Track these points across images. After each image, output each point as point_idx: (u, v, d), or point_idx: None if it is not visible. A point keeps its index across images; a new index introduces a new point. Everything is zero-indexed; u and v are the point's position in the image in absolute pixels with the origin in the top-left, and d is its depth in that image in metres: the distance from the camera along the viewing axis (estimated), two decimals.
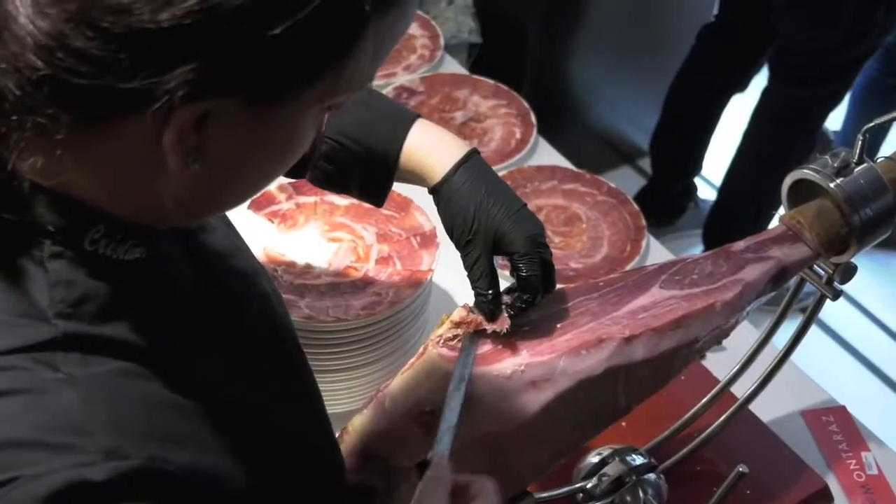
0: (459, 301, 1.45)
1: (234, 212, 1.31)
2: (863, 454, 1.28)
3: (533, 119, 1.80)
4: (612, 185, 1.68)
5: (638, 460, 1.16)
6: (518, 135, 1.78)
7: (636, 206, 1.63)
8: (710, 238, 2.74)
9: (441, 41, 1.99)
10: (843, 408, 1.35)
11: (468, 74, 1.93)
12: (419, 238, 1.31)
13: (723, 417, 1.16)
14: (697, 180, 2.97)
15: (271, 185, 1.36)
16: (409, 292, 1.23)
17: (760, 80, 2.58)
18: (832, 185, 1.00)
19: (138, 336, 0.64)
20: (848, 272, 1.05)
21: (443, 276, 1.39)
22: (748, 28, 2.50)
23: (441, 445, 0.79)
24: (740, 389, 1.16)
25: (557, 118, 2.30)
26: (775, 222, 2.84)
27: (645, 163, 2.98)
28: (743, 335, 1.09)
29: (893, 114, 1.05)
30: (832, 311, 1.08)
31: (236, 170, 0.64)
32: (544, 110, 1.87)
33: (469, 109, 1.83)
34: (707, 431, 1.17)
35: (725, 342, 1.03)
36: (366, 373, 1.25)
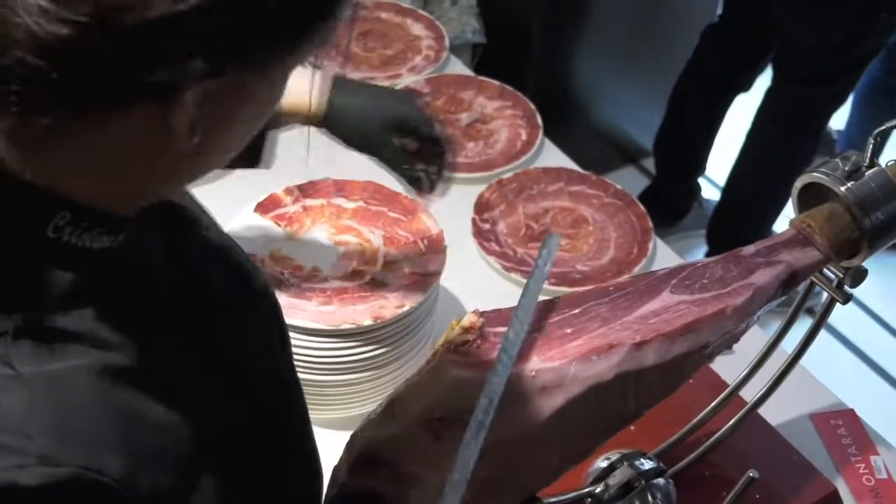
0: (467, 304, 1.44)
1: (240, 215, 1.32)
2: (872, 458, 1.27)
3: (539, 120, 1.80)
4: (619, 187, 1.67)
5: (646, 465, 1.15)
6: (524, 136, 1.77)
7: (643, 208, 1.63)
8: (715, 238, 2.74)
9: (446, 42, 1.98)
10: (852, 411, 1.34)
11: (473, 76, 1.93)
12: (427, 241, 1.31)
13: (732, 421, 1.15)
14: (701, 180, 2.97)
15: (278, 188, 1.36)
16: (417, 296, 1.23)
17: (764, 80, 2.58)
18: (843, 189, 0.99)
19: (103, 329, 0.62)
20: (858, 276, 1.04)
21: (450, 280, 1.39)
22: (751, 28, 2.50)
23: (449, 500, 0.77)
24: (749, 393, 1.15)
25: (561, 118, 2.29)
26: (780, 222, 2.85)
27: (649, 163, 2.97)
28: (751, 338, 1.08)
29: None
30: (840, 314, 1.08)
31: (225, 134, 0.64)
32: (548, 110, 1.86)
33: (475, 111, 1.83)
34: (716, 436, 1.17)
35: (734, 345, 1.02)
36: (373, 377, 1.25)
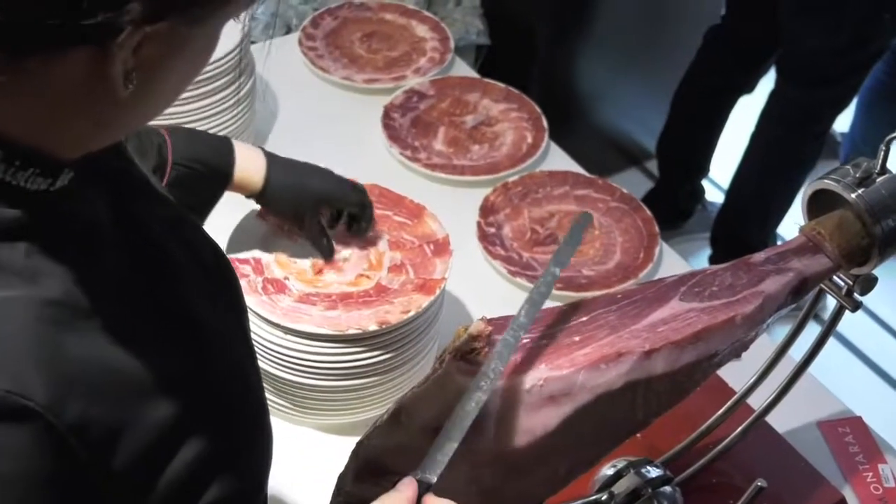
0: (473, 309, 1.44)
1: (244, 218, 1.31)
2: (880, 466, 1.27)
3: (544, 123, 1.79)
4: (625, 191, 1.67)
5: (653, 472, 1.14)
6: (529, 139, 1.77)
7: (649, 213, 1.62)
8: (718, 241, 2.73)
9: (451, 44, 1.97)
10: (860, 418, 1.34)
11: (479, 78, 1.92)
12: (432, 246, 1.30)
13: (739, 429, 1.15)
14: (705, 183, 2.96)
15: None
16: (422, 301, 1.22)
17: (767, 82, 2.57)
18: (853, 196, 0.98)
19: (35, 264, 0.63)
20: (868, 284, 1.04)
21: (455, 284, 1.38)
22: (754, 29, 2.49)
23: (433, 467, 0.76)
24: (756, 400, 1.15)
25: (565, 119, 2.28)
26: (784, 225, 2.84)
27: (652, 165, 2.96)
28: (759, 345, 1.08)
29: None
30: (848, 320, 1.07)
31: (162, 83, 0.65)
32: (551, 111, 1.85)
33: (480, 113, 1.82)
34: (723, 443, 1.16)
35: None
36: (378, 382, 1.24)
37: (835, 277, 1.04)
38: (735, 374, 1.26)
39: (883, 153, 0.98)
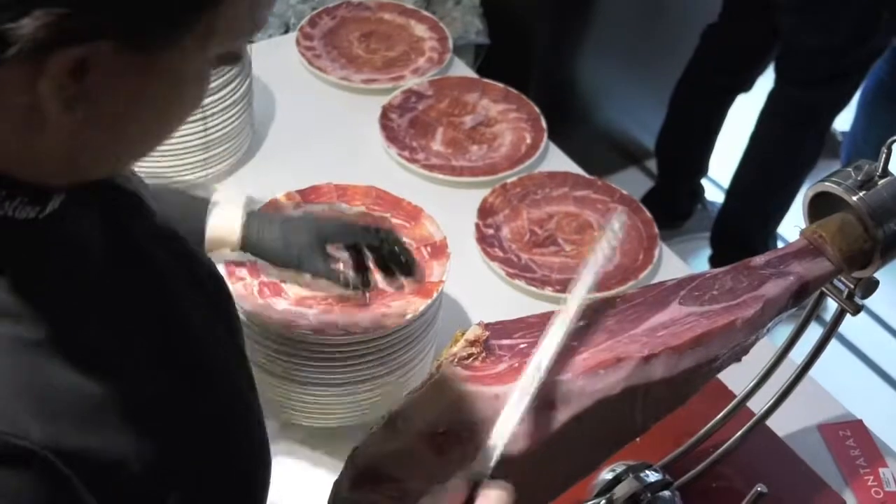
0: (471, 312, 1.43)
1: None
2: (881, 470, 1.26)
3: (543, 124, 1.78)
4: (625, 192, 1.66)
5: (652, 477, 1.14)
6: (528, 140, 1.76)
7: (649, 214, 1.61)
8: (719, 241, 2.73)
9: (450, 44, 1.96)
10: (860, 422, 1.33)
11: (478, 78, 1.91)
12: (430, 248, 1.29)
13: (739, 433, 1.14)
14: (705, 182, 2.96)
15: (278, 194, 1.34)
16: (420, 304, 1.21)
17: (766, 81, 2.56)
18: (855, 199, 0.97)
19: (19, 298, 0.61)
20: (870, 287, 1.03)
21: (453, 286, 1.37)
22: (751, 28, 2.48)
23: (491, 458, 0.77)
24: (757, 404, 1.14)
25: (564, 119, 2.27)
26: (784, 226, 2.83)
27: (653, 164, 2.96)
28: (759, 347, 1.07)
29: None
30: (848, 322, 1.06)
31: (121, 122, 0.62)
32: (550, 110, 1.84)
33: (479, 113, 1.81)
34: (723, 448, 1.15)
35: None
36: (375, 386, 1.23)
37: (836, 281, 1.03)
38: (735, 378, 1.25)
39: (885, 155, 0.97)
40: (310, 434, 1.29)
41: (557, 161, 1.75)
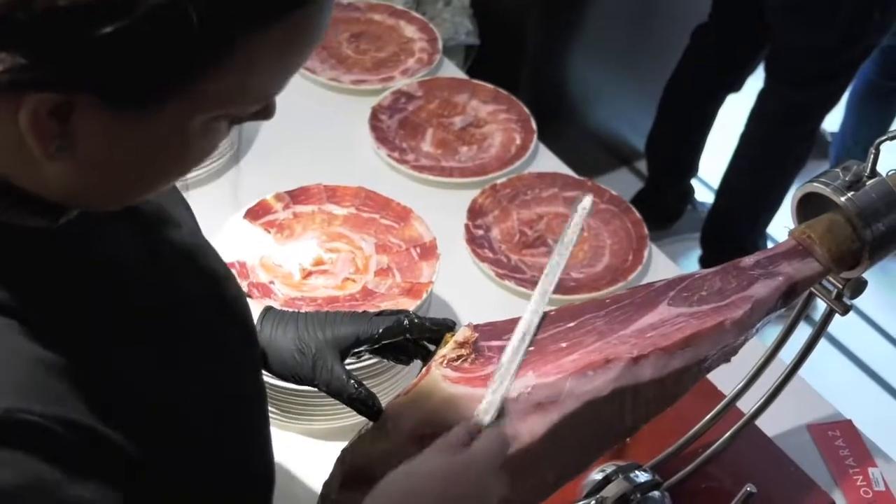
0: (460, 313, 1.42)
1: (230, 221, 1.30)
2: (870, 470, 1.26)
3: (533, 125, 1.78)
4: (614, 193, 1.66)
5: (642, 477, 1.14)
6: (518, 141, 1.75)
7: (638, 215, 1.61)
8: (709, 241, 2.73)
9: (440, 45, 1.96)
10: (850, 422, 1.33)
11: (467, 79, 1.91)
12: (419, 249, 1.29)
13: (728, 433, 1.14)
14: (695, 183, 2.96)
15: (267, 195, 1.34)
16: (409, 305, 1.21)
17: (755, 81, 2.57)
18: (843, 199, 0.97)
19: (24, 300, 0.62)
20: (858, 287, 1.03)
21: (443, 287, 1.37)
22: (741, 28, 2.48)
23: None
24: (746, 404, 1.14)
25: (554, 120, 2.28)
26: (774, 225, 2.82)
27: (643, 165, 2.96)
28: (748, 347, 1.07)
29: None
30: (837, 322, 1.07)
31: (113, 168, 0.62)
32: (540, 111, 1.84)
33: (468, 114, 1.81)
34: (712, 448, 1.15)
35: None
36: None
37: (825, 281, 1.03)
38: (724, 378, 1.25)
39: (873, 156, 0.97)
40: (299, 434, 1.28)
41: (547, 162, 1.75)
